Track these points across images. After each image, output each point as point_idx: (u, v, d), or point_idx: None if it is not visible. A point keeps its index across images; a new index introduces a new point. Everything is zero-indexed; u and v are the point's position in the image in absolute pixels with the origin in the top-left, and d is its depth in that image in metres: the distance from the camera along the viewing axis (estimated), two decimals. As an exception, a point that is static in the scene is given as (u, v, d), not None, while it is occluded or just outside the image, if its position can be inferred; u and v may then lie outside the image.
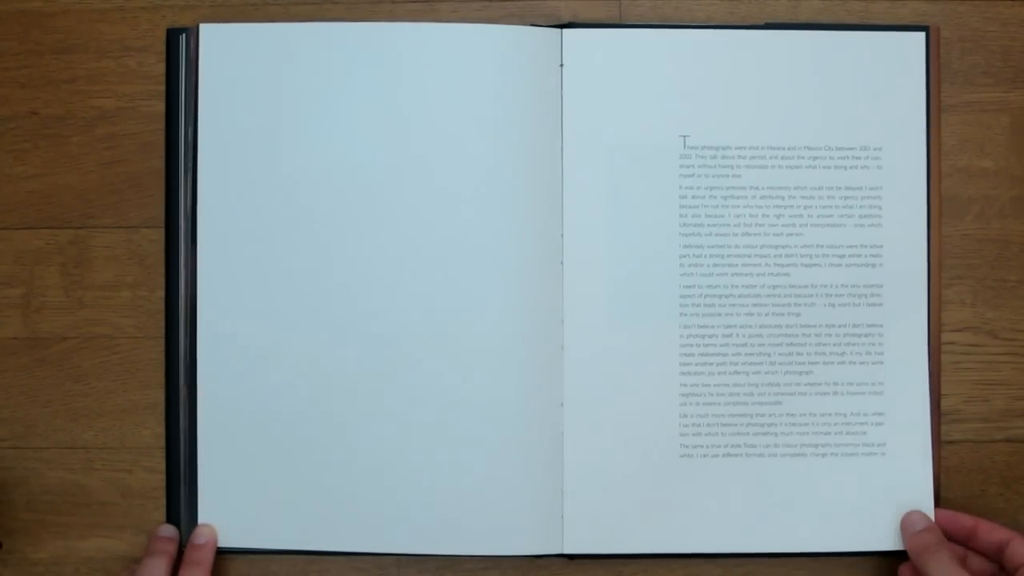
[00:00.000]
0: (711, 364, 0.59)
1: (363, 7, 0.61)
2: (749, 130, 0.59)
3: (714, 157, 0.59)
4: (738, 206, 0.59)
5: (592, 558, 0.59)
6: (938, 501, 0.59)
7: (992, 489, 0.60)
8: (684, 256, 0.59)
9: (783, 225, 0.59)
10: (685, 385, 0.59)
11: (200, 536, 0.58)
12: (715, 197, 0.59)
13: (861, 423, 0.59)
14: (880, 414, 0.59)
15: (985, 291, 0.60)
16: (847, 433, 0.59)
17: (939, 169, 0.60)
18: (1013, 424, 0.60)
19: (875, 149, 0.59)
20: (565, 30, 0.59)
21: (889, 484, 0.59)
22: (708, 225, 0.59)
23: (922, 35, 0.60)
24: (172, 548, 0.58)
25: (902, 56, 0.60)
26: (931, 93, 0.60)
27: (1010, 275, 0.60)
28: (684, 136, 0.59)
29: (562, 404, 0.59)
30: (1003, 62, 0.61)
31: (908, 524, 0.58)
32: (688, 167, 0.59)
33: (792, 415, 0.59)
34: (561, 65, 0.59)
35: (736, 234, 0.59)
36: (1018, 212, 0.60)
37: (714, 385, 0.59)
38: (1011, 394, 0.60)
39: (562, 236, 0.59)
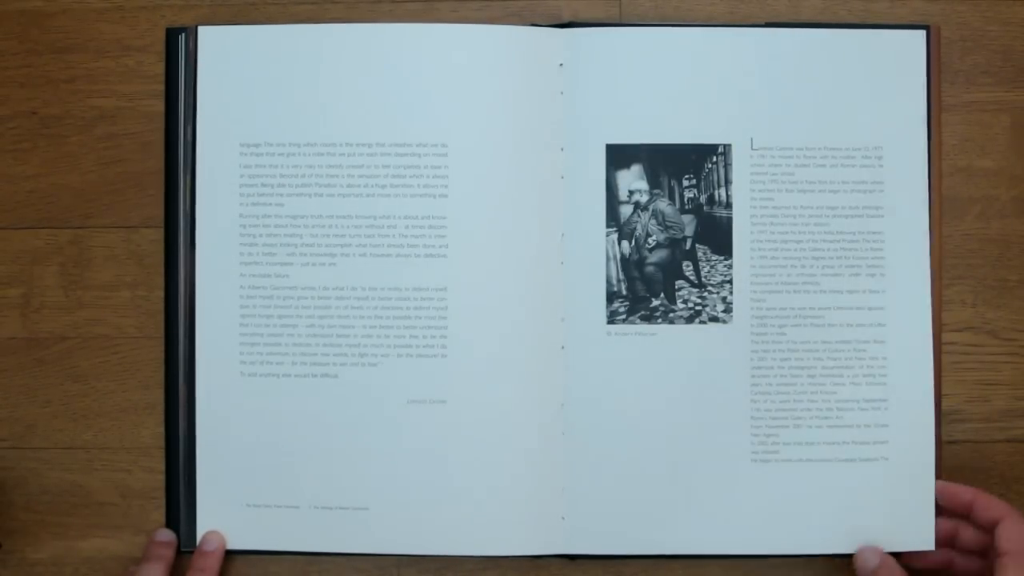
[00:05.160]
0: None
1: (363, 7, 0.61)
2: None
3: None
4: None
5: (592, 558, 0.59)
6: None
7: (993, 489, 0.60)
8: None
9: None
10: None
11: (209, 543, 0.58)
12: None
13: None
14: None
15: (986, 291, 0.60)
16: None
17: (939, 169, 0.60)
18: (1014, 424, 0.60)
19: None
20: (565, 30, 0.59)
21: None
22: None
23: (922, 34, 0.59)
24: (169, 553, 0.58)
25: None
26: (932, 93, 0.59)
27: (1011, 275, 0.60)
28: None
29: (562, 404, 0.59)
30: (1004, 62, 0.61)
31: (861, 562, 0.57)
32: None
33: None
34: (561, 65, 0.59)
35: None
36: (1019, 212, 0.60)
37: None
38: (1012, 394, 0.60)
39: (562, 236, 0.59)
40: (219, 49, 0.59)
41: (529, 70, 0.59)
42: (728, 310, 0.59)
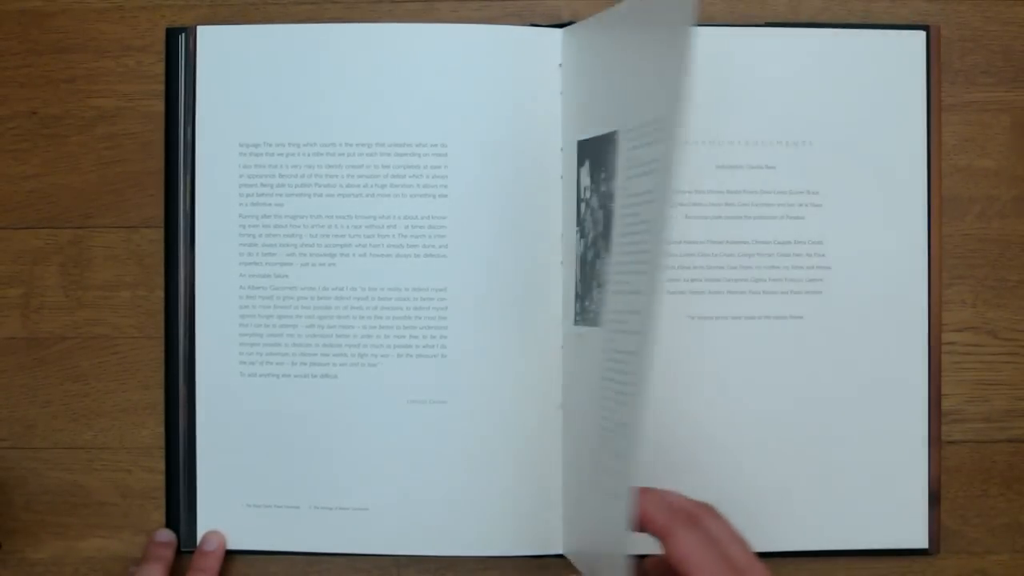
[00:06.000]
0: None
1: (362, 7, 0.61)
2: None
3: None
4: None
5: (591, 558, 0.59)
6: (938, 501, 0.59)
7: (993, 489, 0.60)
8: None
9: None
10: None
11: (209, 543, 0.58)
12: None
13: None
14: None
15: (986, 291, 0.60)
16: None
17: (939, 169, 0.60)
18: (1014, 424, 0.60)
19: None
20: (565, 29, 0.59)
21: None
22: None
23: (922, 34, 0.59)
24: (169, 554, 0.58)
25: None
26: (932, 93, 0.59)
27: (1011, 275, 0.60)
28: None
29: (560, 404, 0.58)
30: (1004, 61, 0.61)
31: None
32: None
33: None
34: (560, 65, 0.59)
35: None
36: (1019, 212, 0.60)
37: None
38: (1012, 394, 0.60)
39: (561, 236, 0.59)
40: (219, 49, 0.59)
41: (529, 70, 0.59)
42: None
